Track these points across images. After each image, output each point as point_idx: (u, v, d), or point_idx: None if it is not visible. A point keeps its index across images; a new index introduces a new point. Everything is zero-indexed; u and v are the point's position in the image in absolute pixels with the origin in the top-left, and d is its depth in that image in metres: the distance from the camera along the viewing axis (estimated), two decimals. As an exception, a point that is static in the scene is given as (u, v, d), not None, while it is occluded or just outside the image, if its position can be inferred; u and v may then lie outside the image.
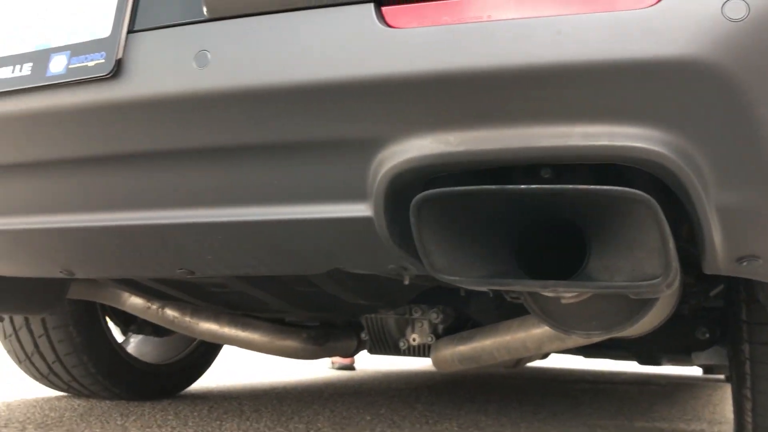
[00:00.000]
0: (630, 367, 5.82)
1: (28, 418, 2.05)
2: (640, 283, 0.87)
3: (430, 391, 3.41)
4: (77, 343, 2.38)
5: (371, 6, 0.86)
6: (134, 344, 2.89)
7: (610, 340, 1.86)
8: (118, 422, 2.04)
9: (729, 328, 1.74)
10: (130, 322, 2.64)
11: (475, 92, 0.81)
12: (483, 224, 0.93)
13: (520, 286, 0.93)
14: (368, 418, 2.34)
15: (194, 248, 1.11)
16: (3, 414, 2.11)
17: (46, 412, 2.20)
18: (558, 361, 6.28)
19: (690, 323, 2.17)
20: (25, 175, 1.11)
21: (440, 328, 2.19)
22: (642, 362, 2.77)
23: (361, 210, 0.95)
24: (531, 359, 3.34)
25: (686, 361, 2.64)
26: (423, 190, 0.91)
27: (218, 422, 2.11)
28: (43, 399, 2.50)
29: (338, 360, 4.85)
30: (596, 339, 1.46)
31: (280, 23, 0.90)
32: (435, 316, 2.16)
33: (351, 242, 1.02)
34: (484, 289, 1.11)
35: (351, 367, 4.90)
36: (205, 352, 2.92)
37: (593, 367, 6.27)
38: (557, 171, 0.95)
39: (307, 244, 1.05)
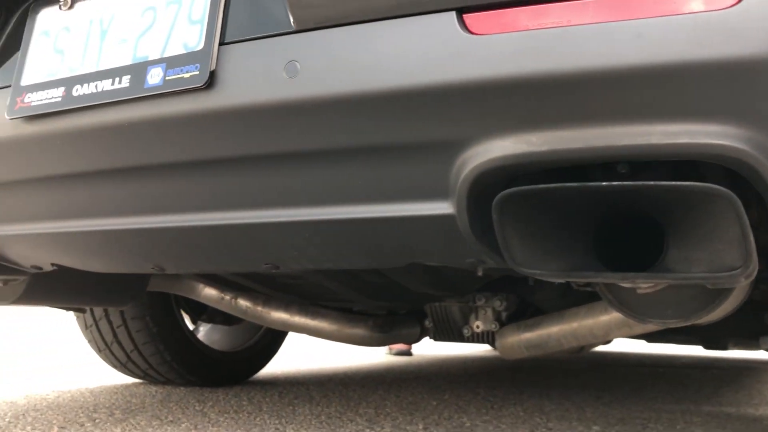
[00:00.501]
0: (690, 350, 5.75)
1: (113, 404, 2.17)
2: (719, 274, 0.89)
3: (489, 377, 3.45)
4: (154, 333, 2.49)
5: (453, 14, 0.90)
6: (203, 333, 3.00)
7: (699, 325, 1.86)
8: (197, 408, 2.14)
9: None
10: (201, 312, 2.75)
11: (557, 94, 0.85)
12: (562, 219, 0.97)
13: (600, 278, 0.96)
14: (434, 403, 2.39)
15: (282, 245, 1.18)
16: (89, 400, 2.23)
17: (127, 398, 2.32)
18: (615, 346, 6.24)
19: (759, 308, 2.15)
20: (123, 179, 1.19)
21: (504, 315, 2.22)
22: (707, 347, 2.76)
23: (444, 208, 1.00)
24: (595, 345, 3.35)
25: (753, 346, 2.62)
26: (503, 188, 0.95)
27: (291, 407, 2.20)
28: (122, 386, 2.63)
29: (396, 346, 4.92)
30: (672, 326, 1.48)
31: (365, 33, 0.95)
32: (498, 304, 2.20)
33: (432, 238, 1.06)
34: (562, 281, 1.15)
35: (408, 353, 4.96)
36: (272, 340, 3.02)
37: (652, 351, 6.20)
38: (633, 166, 0.98)
39: (390, 240, 1.10)
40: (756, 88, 0.78)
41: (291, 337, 3.47)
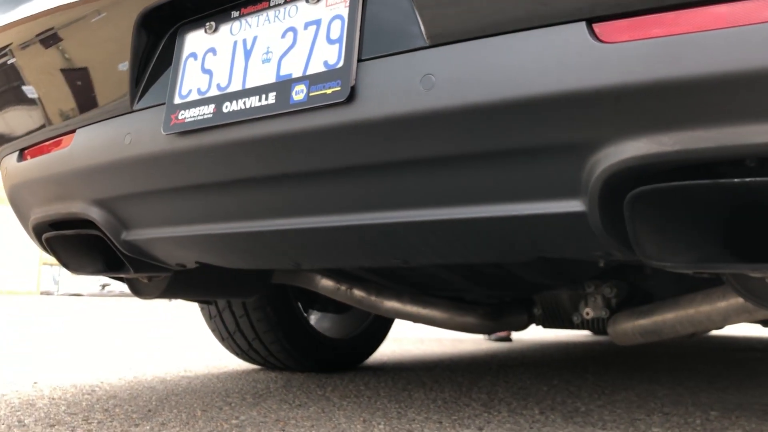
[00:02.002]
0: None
1: (242, 389, 2.33)
2: None
3: (595, 362, 3.46)
4: (274, 322, 2.65)
5: (583, 24, 0.95)
6: (314, 321, 3.16)
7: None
8: (319, 393, 2.28)
9: None
10: (313, 301, 2.90)
11: (687, 97, 0.89)
12: (692, 213, 1.01)
13: (731, 269, 1.00)
14: (545, 389, 2.45)
15: (414, 242, 1.26)
16: (219, 386, 2.41)
17: (252, 384, 2.48)
18: (723, 330, 6.05)
19: None
20: (267, 185, 1.31)
21: (613, 302, 2.24)
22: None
23: (575, 206, 1.06)
24: (708, 330, 3.28)
25: None
26: (632, 186, 1.00)
27: (406, 392, 2.30)
28: (243, 372, 2.81)
29: (496, 332, 4.97)
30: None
31: (496, 45, 1.01)
32: (608, 291, 2.22)
33: (562, 234, 1.12)
34: (692, 272, 1.18)
35: (508, 339, 5.01)
36: (379, 328, 3.14)
37: (760, 335, 5.99)
38: (762, 161, 1.01)
39: (520, 237, 1.17)
40: None
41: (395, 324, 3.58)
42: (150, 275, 1.92)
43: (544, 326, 2.54)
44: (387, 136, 1.11)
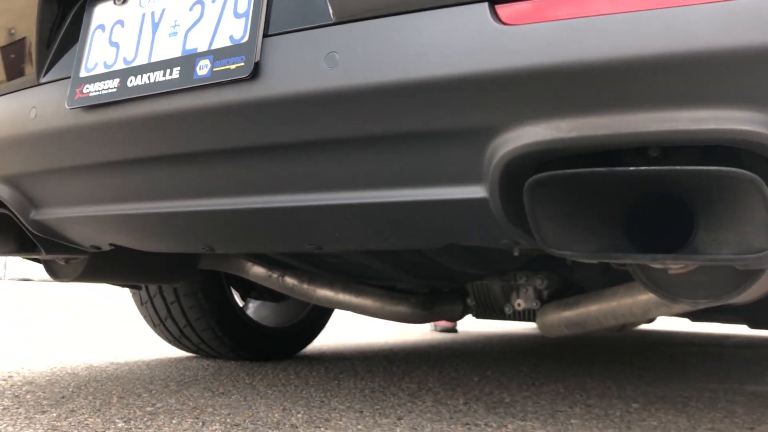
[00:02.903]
0: (741, 330, 5.66)
1: (168, 376, 2.28)
2: (746, 255, 0.91)
3: (533, 354, 3.49)
4: (206, 309, 2.60)
5: (485, 5, 0.93)
6: (252, 309, 3.10)
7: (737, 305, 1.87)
8: (246, 381, 2.24)
9: None
10: (250, 289, 2.85)
11: (586, 82, 0.88)
12: (592, 202, 1.00)
13: (630, 259, 0.99)
14: (476, 379, 2.45)
15: (325, 227, 1.23)
16: (146, 373, 2.35)
17: (182, 371, 2.43)
18: (662, 324, 6.18)
19: (803, 288, 2.13)
20: (174, 165, 1.26)
21: (545, 293, 2.25)
22: (752, 326, 2.73)
23: (477, 192, 1.04)
24: (637, 324, 3.33)
25: (800, 325, 2.58)
26: (534, 173, 0.99)
27: (336, 381, 2.28)
28: (176, 359, 2.75)
29: (441, 323, 4.98)
30: (703, 306, 1.50)
31: (401, 24, 0.98)
32: (540, 282, 2.23)
33: (467, 220, 1.11)
34: (594, 261, 1.18)
35: (453, 330, 5.02)
36: (318, 317, 3.11)
37: (701, 330, 6.12)
38: (665, 150, 1.00)
39: (427, 223, 1.15)
40: (782, 75, 0.79)
41: (338, 314, 3.56)
42: (66, 257, 1.86)
43: (477, 317, 2.53)
44: (291, 115, 1.08)
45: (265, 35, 1.10)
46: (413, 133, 1.02)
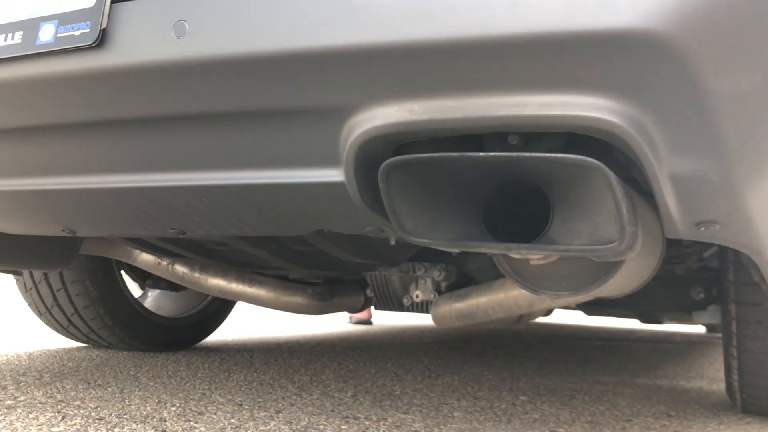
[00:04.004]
0: (650, 325, 5.84)
1: (47, 367, 2.16)
2: (597, 246, 0.90)
3: (441, 346, 3.49)
4: (94, 297, 2.47)
5: (339, -23, 0.88)
6: (152, 298, 2.99)
7: (612, 298, 1.89)
8: (131, 372, 2.14)
9: (721, 288, 1.77)
10: (146, 277, 2.74)
11: (436, 62, 0.84)
12: (451, 188, 0.96)
13: (486, 248, 0.96)
14: (373, 371, 2.41)
15: (183, 210, 1.16)
16: (23, 363, 2.22)
17: (65, 362, 2.31)
18: (575, 318, 6.33)
19: (685, 283, 2.18)
20: (21, 139, 1.17)
21: (443, 285, 2.23)
22: (643, 321, 2.80)
23: (334, 175, 0.99)
24: (533, 316, 3.37)
25: (687, 320, 2.66)
26: (396, 155, 0.95)
27: (227, 373, 2.20)
28: (63, 350, 2.62)
29: (356, 315, 4.95)
30: (565, 299, 1.50)
31: (251, -6, 0.92)
32: (438, 274, 2.21)
33: (329, 205, 1.06)
34: (451, 250, 1.15)
35: (368, 322, 4.99)
36: (220, 307, 3.02)
37: (611, 325, 6.30)
38: (525, 138, 0.98)
39: (288, 207, 1.09)
40: (628, 61, 0.77)
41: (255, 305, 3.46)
42: (-77, 238, 1.72)
43: (377, 308, 2.51)
44: (139, 87, 1.00)
45: (114, 0, 1.01)
46: (265, 111, 0.96)
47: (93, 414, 1.52)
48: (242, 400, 1.76)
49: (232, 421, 1.52)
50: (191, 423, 1.48)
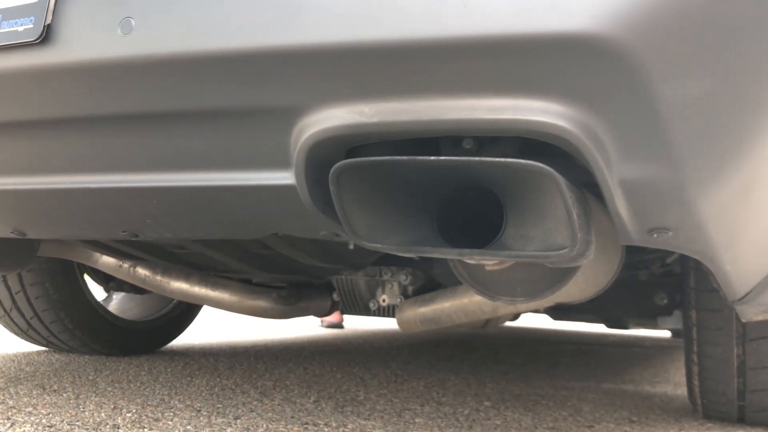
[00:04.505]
0: (624, 330, 5.87)
1: (2, 371, 2.11)
2: (549, 252, 0.88)
3: (410, 350, 3.47)
4: (54, 300, 2.42)
5: (283, -25, 0.86)
6: (116, 301, 2.94)
7: (578, 303, 1.89)
8: (90, 377, 2.09)
9: (683, 294, 1.77)
10: (109, 280, 2.68)
11: (386, 64, 0.82)
12: (404, 192, 0.95)
13: (439, 253, 0.94)
14: (339, 376, 2.39)
15: (133, 212, 1.13)
16: (-21, 368, 2.16)
17: (22, 366, 2.26)
18: (549, 323, 6.35)
19: (649, 289, 2.19)
20: (-33, 137, 1.13)
21: (410, 289, 2.22)
22: (609, 326, 2.81)
23: (285, 178, 0.97)
24: (500, 321, 3.37)
25: (653, 325, 2.68)
26: (348, 158, 0.93)
27: (189, 378, 2.16)
28: (22, 354, 2.56)
29: (327, 319, 4.91)
30: (522, 305, 1.50)
31: (200, -10, 0.90)
32: (404, 278, 2.19)
33: (280, 209, 1.04)
34: (404, 255, 1.13)
35: (339, 326, 4.96)
36: (186, 310, 2.98)
37: (585, 329, 6.33)
38: (480, 142, 0.97)
39: (239, 210, 1.07)
40: (577, 65, 0.76)
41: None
42: None
43: (343, 312, 2.48)
44: (86, 86, 0.97)
45: (60, -5, 0.98)
46: (214, 111, 0.94)
47: (44, 421, 1.48)
48: (201, 405, 1.73)
49: (188, 428, 1.49)
50: (145, 430, 1.44)
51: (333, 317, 4.88)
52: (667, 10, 0.75)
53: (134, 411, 1.62)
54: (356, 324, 5.44)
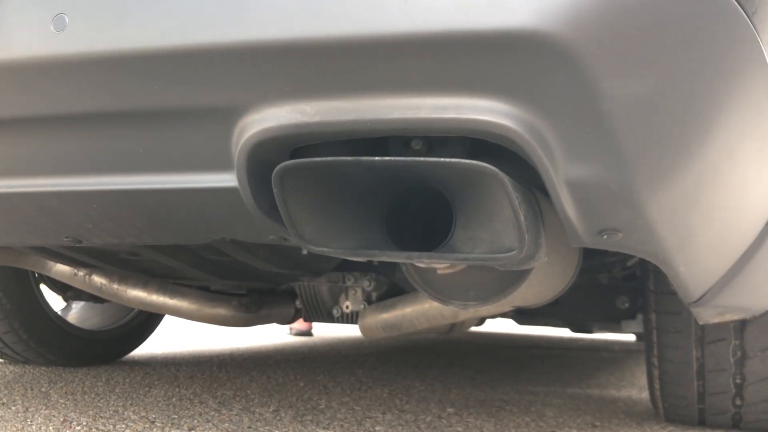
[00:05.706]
0: (595, 334, 5.89)
1: (-49, 385, 2.04)
2: (497, 255, 0.87)
3: (378, 357, 3.44)
4: (7, 310, 2.36)
5: (226, -30, 0.83)
6: (76, 311, 2.87)
7: (541, 306, 1.87)
8: (43, 389, 2.03)
9: (643, 297, 1.77)
10: (67, 289, 2.62)
11: (327, 62, 0.80)
12: (351, 194, 0.92)
13: (387, 257, 0.92)
14: (302, 384, 2.35)
15: (73, 217, 1.09)
16: (-72, 381, 2.09)
17: (-26, 378, 2.19)
18: (518, 328, 6.36)
19: (610, 292, 2.19)
20: None
21: (373, 295, 2.19)
22: (574, 330, 2.81)
23: (227, 180, 0.94)
24: (465, 326, 3.35)
25: (617, 329, 2.68)
26: (294, 159, 0.90)
27: (147, 388, 2.11)
28: (-24, 365, 2.49)
29: (296, 326, 4.86)
30: (475, 310, 1.48)
31: (136, -14, 0.87)
32: (367, 284, 2.17)
33: (224, 212, 1.00)
34: (353, 259, 1.11)
35: (308, 333, 4.91)
36: (148, 319, 2.92)
37: (553, 334, 6.36)
38: (429, 142, 0.94)
39: (182, 214, 1.04)
40: (520, 63, 0.75)
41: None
42: None
43: (306, 320, 2.45)
44: (17, 84, 0.93)
45: (-7, -10, 0.95)
46: (151, 111, 0.90)
47: (-13, 435, 1.42)
48: (156, 416, 1.68)
49: (139, 440, 1.44)
50: (94, 443, 1.40)
51: (301, 325, 4.83)
52: (611, 8, 0.74)
53: (85, 423, 1.57)
54: (325, 331, 5.39)
